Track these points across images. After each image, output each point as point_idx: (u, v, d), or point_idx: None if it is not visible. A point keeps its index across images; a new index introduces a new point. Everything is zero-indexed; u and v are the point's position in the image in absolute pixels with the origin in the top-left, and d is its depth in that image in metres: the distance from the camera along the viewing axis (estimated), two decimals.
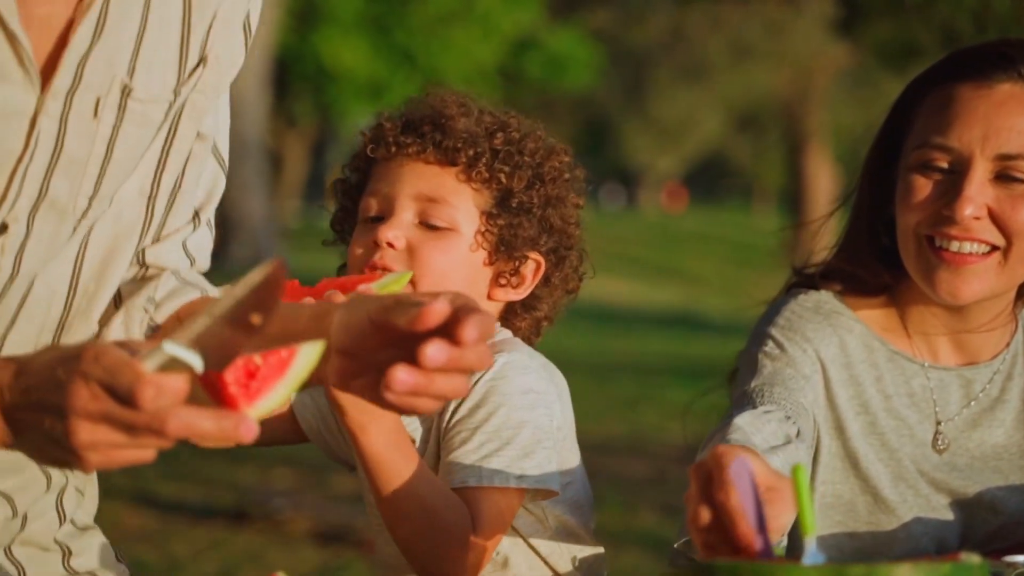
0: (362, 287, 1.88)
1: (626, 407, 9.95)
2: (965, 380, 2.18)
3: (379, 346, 1.49)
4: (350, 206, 2.08)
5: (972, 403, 2.18)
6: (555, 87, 36.52)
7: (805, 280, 2.24)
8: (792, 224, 18.39)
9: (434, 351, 1.40)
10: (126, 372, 1.32)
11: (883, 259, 2.17)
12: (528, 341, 2.11)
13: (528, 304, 2.09)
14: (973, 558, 1.42)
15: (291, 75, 27.11)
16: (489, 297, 2.05)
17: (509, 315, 2.10)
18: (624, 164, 59.26)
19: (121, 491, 6.31)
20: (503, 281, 2.04)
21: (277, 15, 20.28)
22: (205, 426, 1.33)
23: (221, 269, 2.16)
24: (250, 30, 1.78)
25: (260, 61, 18.47)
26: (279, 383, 1.39)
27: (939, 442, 2.16)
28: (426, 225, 1.99)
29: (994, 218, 2.05)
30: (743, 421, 1.96)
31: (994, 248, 2.06)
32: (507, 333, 2.09)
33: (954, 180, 2.05)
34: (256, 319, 1.38)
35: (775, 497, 1.53)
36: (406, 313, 1.45)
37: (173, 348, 1.34)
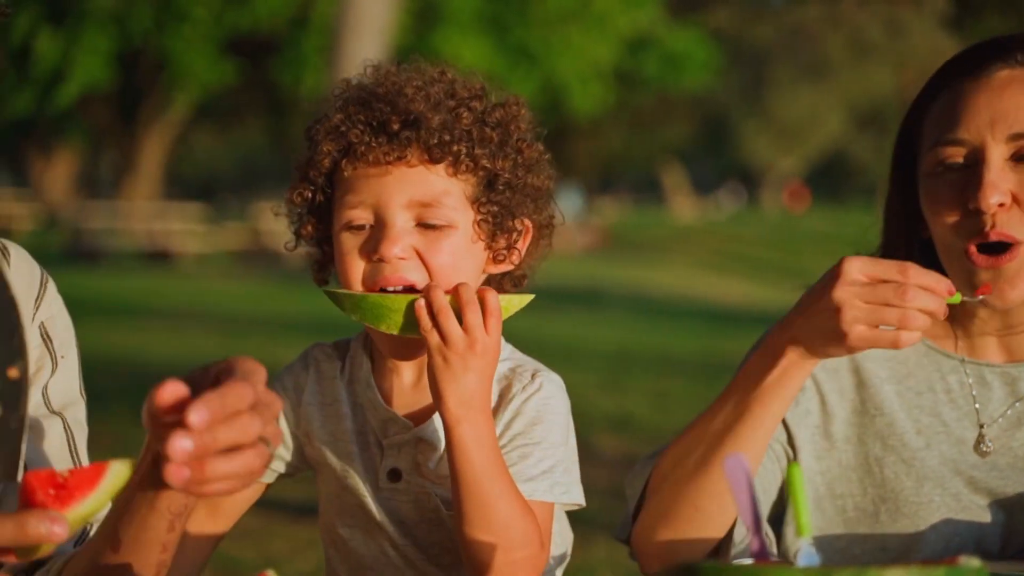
0: (484, 287, 1.88)
1: None
2: (1011, 378, 2.11)
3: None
4: (316, 213, 1.99)
5: (1018, 403, 2.09)
6: (673, 86, 36.37)
7: None
8: None
9: (176, 444, 1.34)
10: None
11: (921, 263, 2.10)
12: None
13: (511, 271, 2.05)
14: (972, 562, 1.38)
15: None
16: (484, 271, 2.01)
17: (495, 287, 2.03)
18: (744, 164, 58.91)
19: None
20: (500, 257, 2.00)
21: (395, 16, 20.42)
22: (6, 531, 1.32)
23: None
24: (49, 338, 1.83)
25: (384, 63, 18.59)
26: (91, 494, 1.39)
27: (983, 445, 2.09)
28: (425, 227, 1.93)
29: (1020, 204, 1.99)
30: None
31: None
32: (509, 347, 2.04)
33: (973, 172, 2.00)
34: (13, 372, 1.42)
35: None
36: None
37: None
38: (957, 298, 1.84)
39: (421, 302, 1.83)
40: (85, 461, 1.85)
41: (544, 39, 30.64)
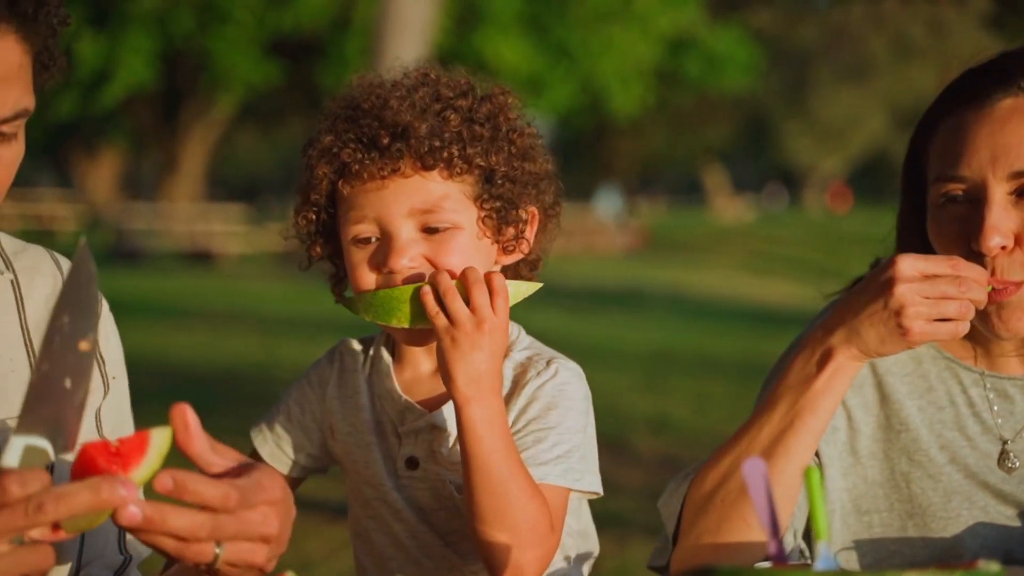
0: (491, 272, 1.91)
1: None
2: None
3: None
4: (323, 230, 2.02)
5: None
6: (714, 87, 36.28)
7: None
8: None
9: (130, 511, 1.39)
10: None
11: None
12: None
13: (527, 257, 2.07)
14: (992, 566, 1.37)
15: None
16: (496, 263, 2.03)
17: (512, 274, 2.06)
18: (786, 165, 58.71)
19: None
20: (510, 247, 2.02)
21: (436, 17, 20.44)
22: (81, 497, 1.36)
23: None
24: (102, 359, 1.89)
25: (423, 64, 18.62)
26: (143, 460, 1.44)
27: (1008, 461, 2.07)
28: (430, 232, 1.95)
29: (1022, 245, 1.97)
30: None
31: None
32: (528, 338, 2.06)
33: (976, 208, 1.98)
34: (84, 345, 1.45)
35: None
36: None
37: (22, 438, 1.40)
38: (988, 288, 1.88)
39: (427, 288, 1.86)
40: None
41: (584, 39, 30.61)
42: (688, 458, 7.70)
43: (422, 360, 2.04)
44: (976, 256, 1.96)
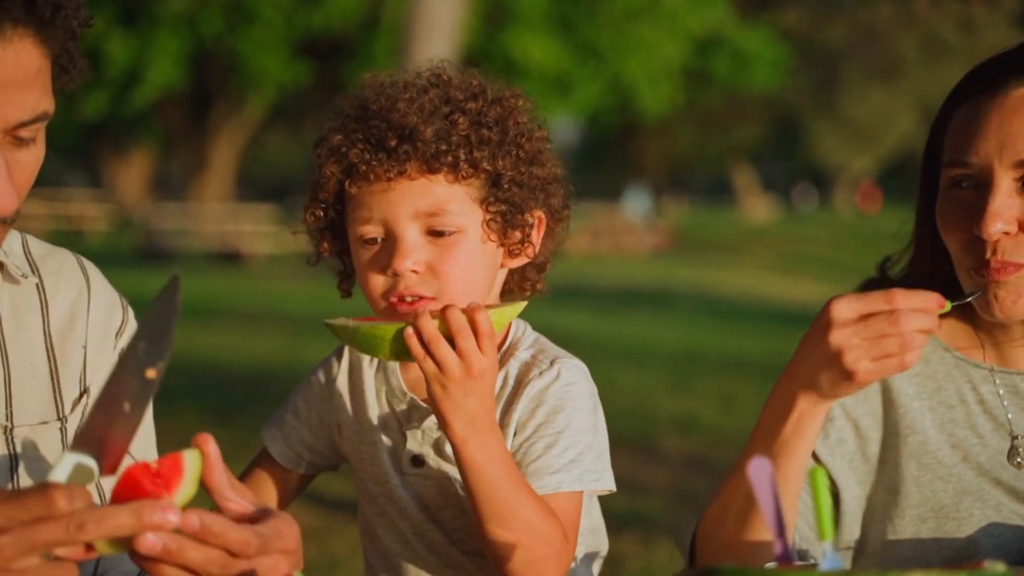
0: (472, 304, 1.86)
1: None
2: None
3: None
4: (332, 228, 2.04)
5: None
6: (743, 87, 36.19)
7: (882, 284, 2.20)
8: None
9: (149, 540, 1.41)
10: (29, 491, 1.37)
11: (948, 284, 2.09)
12: (538, 292, 2.11)
13: (534, 261, 2.07)
14: (997, 567, 1.36)
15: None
16: (503, 266, 2.04)
17: (519, 277, 2.08)
18: (816, 165, 58.52)
19: None
20: (516, 251, 2.02)
21: (465, 17, 20.46)
22: (122, 519, 1.37)
23: None
24: None
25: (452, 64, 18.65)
26: (182, 482, 1.46)
27: (1018, 456, 2.07)
28: (435, 236, 1.96)
29: None
30: None
31: None
32: (534, 335, 2.07)
33: (981, 195, 1.99)
34: (151, 373, 1.47)
35: None
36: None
37: (74, 455, 1.43)
38: (948, 307, 1.84)
39: (410, 331, 1.83)
40: None
41: (613, 38, 30.57)
42: (715, 458, 7.69)
43: None
44: (979, 241, 1.97)
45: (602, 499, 2.10)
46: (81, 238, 33.29)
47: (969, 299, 1.97)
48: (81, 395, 1.86)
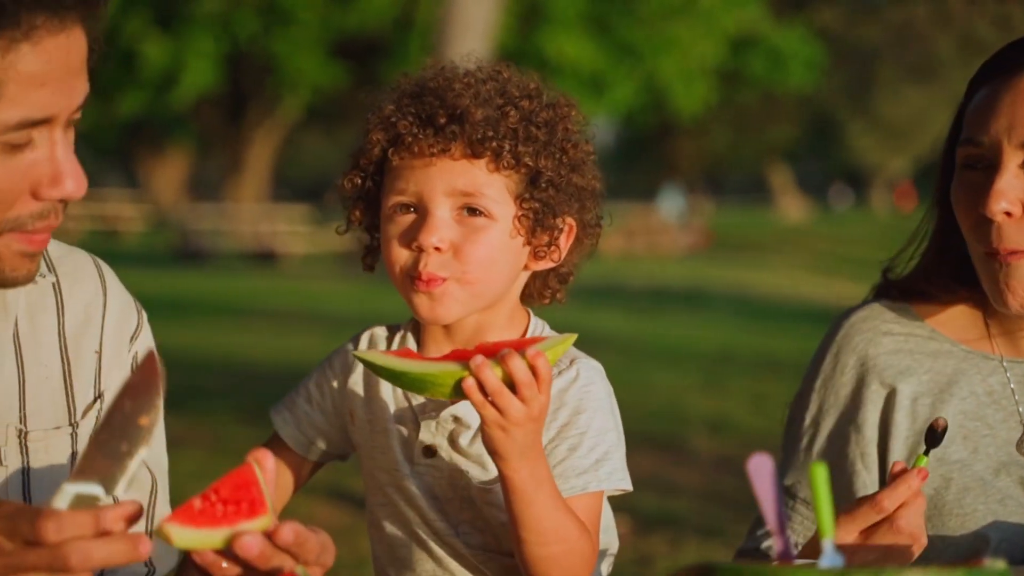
0: (531, 349, 1.83)
1: None
2: None
3: None
4: (367, 199, 2.06)
5: None
6: (778, 86, 36.06)
7: (889, 287, 2.22)
8: None
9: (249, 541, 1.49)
10: (26, 514, 1.39)
11: (960, 274, 2.11)
12: (558, 301, 2.11)
13: (556, 268, 2.07)
14: (997, 564, 1.36)
15: None
16: (526, 268, 2.04)
17: (540, 283, 2.08)
18: (852, 164, 58.28)
19: (318, 486, 6.40)
20: (541, 253, 2.03)
21: (500, 16, 20.47)
22: (99, 553, 1.40)
23: None
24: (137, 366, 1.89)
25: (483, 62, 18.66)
26: (262, 504, 1.52)
27: None
28: (465, 218, 1.97)
29: None
30: None
31: None
32: (552, 333, 2.07)
33: (989, 177, 2.01)
34: (144, 420, 1.48)
35: None
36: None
37: (71, 487, 1.43)
38: (925, 460, 1.86)
39: (471, 383, 1.80)
40: (165, 507, 1.94)
41: (648, 37, 30.51)
42: (745, 459, 7.64)
43: (445, 349, 2.04)
44: (986, 222, 1.99)
45: (631, 499, 2.11)
46: (118, 238, 33.46)
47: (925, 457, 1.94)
48: (94, 400, 1.87)
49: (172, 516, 1.48)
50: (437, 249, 1.96)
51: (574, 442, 1.98)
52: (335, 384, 2.11)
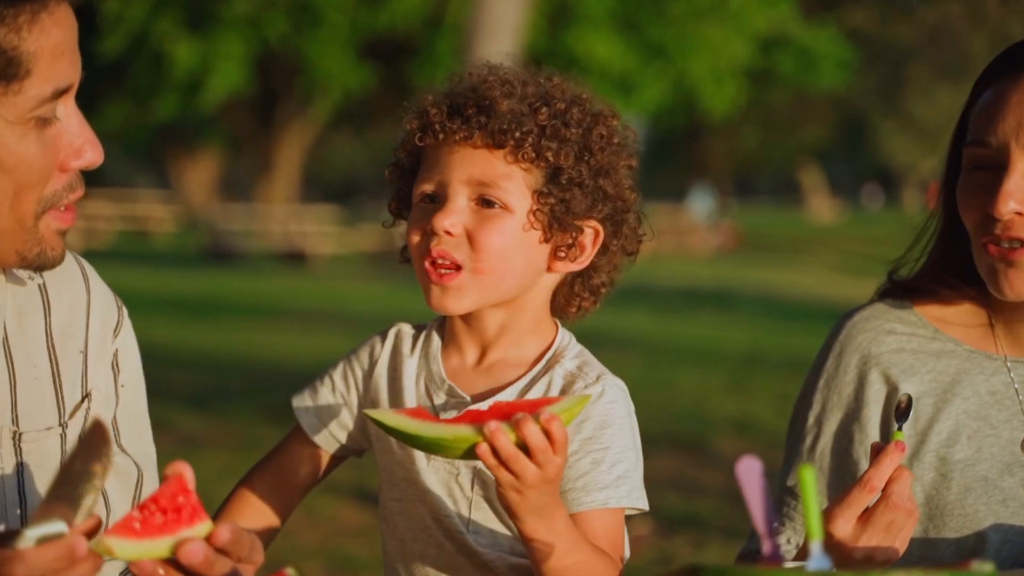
0: (545, 412, 1.80)
1: None
2: None
3: None
4: (406, 190, 2.09)
5: None
6: (809, 85, 35.95)
7: (893, 288, 2.23)
8: None
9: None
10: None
11: (967, 273, 2.11)
12: (585, 311, 2.11)
13: (585, 273, 2.07)
14: (985, 567, 1.36)
15: None
16: (549, 270, 2.04)
17: (568, 291, 2.08)
18: (884, 165, 58.09)
19: (341, 486, 6.41)
20: (562, 253, 2.03)
21: (529, 16, 20.47)
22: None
23: None
24: (118, 369, 1.92)
25: (514, 63, 18.66)
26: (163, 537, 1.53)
27: None
28: (480, 208, 1.99)
29: None
30: None
31: None
32: (579, 346, 2.08)
33: (996, 176, 2.01)
34: (98, 467, 1.51)
35: None
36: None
37: (33, 532, 1.46)
38: (900, 435, 1.88)
39: (484, 448, 1.79)
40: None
41: (678, 37, 30.45)
42: (770, 459, 7.64)
43: (468, 350, 2.06)
44: (992, 221, 2.00)
45: (655, 500, 2.10)
46: (148, 238, 33.61)
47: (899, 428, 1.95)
48: (82, 400, 1.87)
49: (111, 530, 1.49)
50: (448, 233, 1.97)
51: (598, 456, 1.98)
52: (360, 377, 2.12)
